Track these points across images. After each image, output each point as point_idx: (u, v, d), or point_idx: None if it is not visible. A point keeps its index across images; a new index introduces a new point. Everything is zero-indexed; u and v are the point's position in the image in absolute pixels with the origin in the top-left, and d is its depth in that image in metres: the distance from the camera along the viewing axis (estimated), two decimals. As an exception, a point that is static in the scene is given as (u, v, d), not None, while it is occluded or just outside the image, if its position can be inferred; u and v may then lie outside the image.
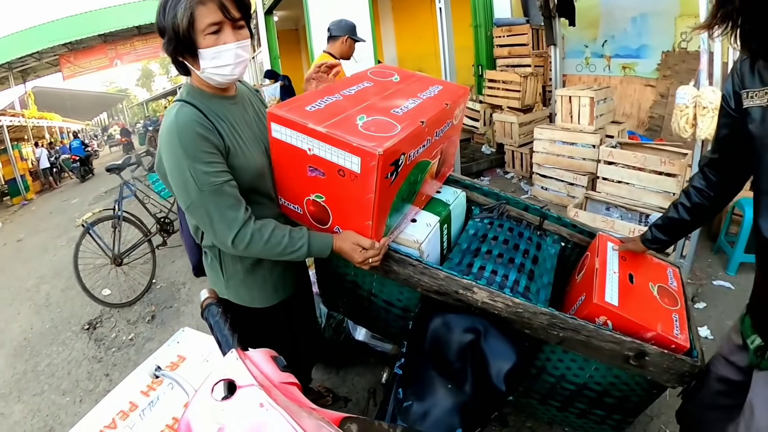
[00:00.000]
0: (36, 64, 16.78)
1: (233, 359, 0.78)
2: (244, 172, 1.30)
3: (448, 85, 1.53)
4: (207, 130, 1.22)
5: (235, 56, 1.24)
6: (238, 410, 0.70)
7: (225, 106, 1.34)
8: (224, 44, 1.22)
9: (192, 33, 1.19)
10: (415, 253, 1.37)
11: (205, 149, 1.20)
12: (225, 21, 1.20)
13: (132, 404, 1.18)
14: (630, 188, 3.77)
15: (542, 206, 1.75)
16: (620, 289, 1.34)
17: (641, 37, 5.89)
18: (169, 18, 1.18)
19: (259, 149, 1.36)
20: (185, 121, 1.21)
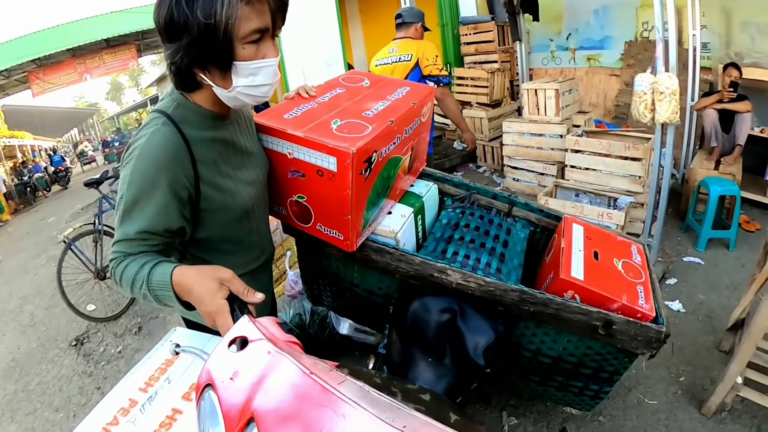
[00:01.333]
0: (4, 82, 16.41)
1: (245, 322, 0.88)
2: (224, 211, 1.17)
3: (414, 86, 1.63)
4: (178, 174, 1.03)
5: (274, 74, 1.06)
6: (249, 358, 0.80)
7: (217, 128, 1.15)
8: (264, 58, 1.02)
9: (228, 42, 0.96)
10: (391, 242, 1.47)
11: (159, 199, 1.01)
12: (269, 29, 1.01)
13: (131, 401, 1.23)
14: (597, 174, 3.92)
15: (510, 194, 1.86)
16: (585, 265, 1.43)
17: (604, 28, 6.08)
18: (201, 12, 0.91)
19: (249, 178, 1.22)
20: (159, 148, 1.03)
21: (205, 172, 1.10)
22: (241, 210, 1.20)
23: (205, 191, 1.10)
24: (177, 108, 1.09)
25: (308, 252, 1.68)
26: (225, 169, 1.16)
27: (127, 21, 15.28)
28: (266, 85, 1.05)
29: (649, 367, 2.41)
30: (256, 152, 1.28)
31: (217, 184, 1.13)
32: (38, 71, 16.31)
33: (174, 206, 1.03)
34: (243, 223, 1.24)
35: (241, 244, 1.29)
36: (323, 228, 1.33)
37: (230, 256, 1.25)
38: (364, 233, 1.40)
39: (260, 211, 1.33)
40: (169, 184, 1.01)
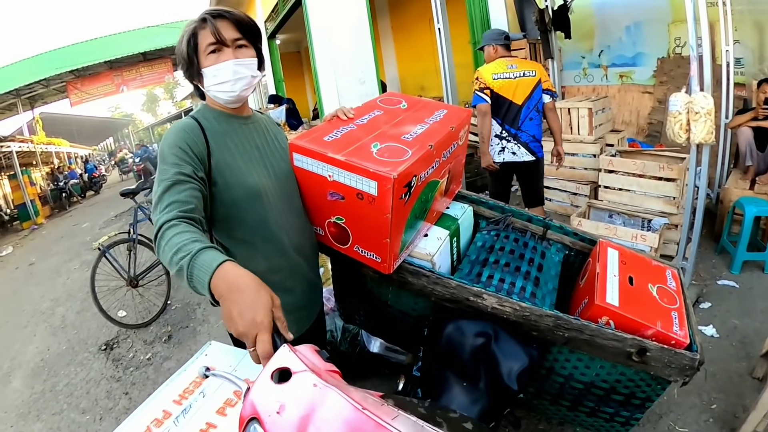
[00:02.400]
0: (43, 90, 17.02)
1: (286, 352, 0.87)
2: (234, 188, 1.30)
3: (452, 108, 1.64)
4: (192, 140, 1.26)
5: (233, 72, 1.29)
6: (295, 390, 0.80)
7: (232, 124, 1.39)
8: (221, 62, 1.29)
9: (196, 54, 1.30)
10: (427, 265, 1.47)
11: (181, 154, 1.22)
12: (224, 42, 1.28)
13: (165, 412, 1.21)
14: (631, 195, 3.86)
15: (545, 217, 1.85)
16: (620, 291, 1.41)
17: (636, 45, 5.97)
18: (181, 46, 1.31)
19: (262, 171, 1.37)
20: (175, 129, 1.31)
21: (215, 148, 1.30)
22: (247, 190, 1.32)
23: (214, 165, 1.29)
24: (199, 110, 1.40)
25: (343, 271, 1.69)
26: (235, 152, 1.34)
27: (164, 36, 15.73)
28: (227, 81, 1.30)
29: (680, 393, 2.34)
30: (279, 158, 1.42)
31: (227, 161, 1.31)
32: (76, 82, 16.87)
33: (193, 160, 1.23)
34: (255, 207, 1.33)
35: (258, 233, 1.36)
36: (361, 250, 1.34)
37: (251, 248, 1.36)
38: (402, 256, 1.41)
39: (277, 205, 1.37)
40: (188, 145, 1.24)
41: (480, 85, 3.45)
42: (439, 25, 4.71)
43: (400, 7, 10.42)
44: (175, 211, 1.09)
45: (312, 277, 1.57)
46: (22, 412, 3.49)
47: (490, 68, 3.47)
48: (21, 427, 3.31)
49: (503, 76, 3.44)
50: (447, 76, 4.91)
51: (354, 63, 6.48)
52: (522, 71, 3.48)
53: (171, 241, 1.02)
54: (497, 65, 3.48)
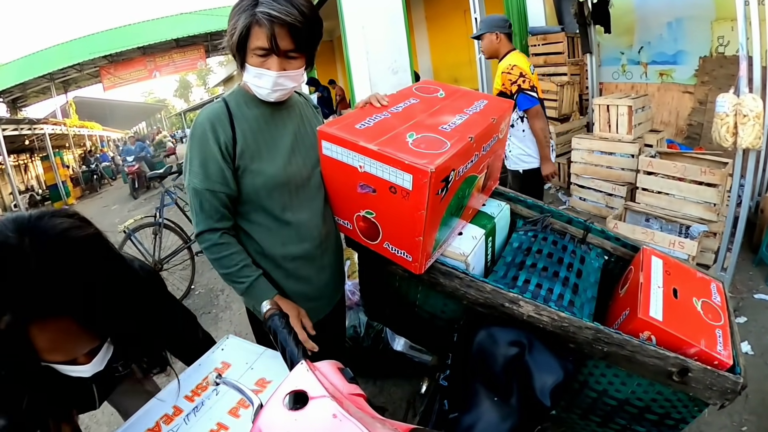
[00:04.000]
0: (77, 75, 17.42)
1: (303, 371, 0.79)
2: (257, 175, 1.32)
3: (493, 99, 1.54)
4: (219, 127, 1.29)
5: (274, 84, 1.27)
6: (311, 421, 0.71)
7: (264, 110, 1.37)
8: (267, 69, 1.25)
9: (244, 47, 1.24)
10: (461, 266, 1.38)
11: (206, 146, 1.28)
12: (273, 50, 1.22)
13: (176, 409, 1.21)
14: (670, 199, 3.69)
15: (586, 219, 1.74)
16: (664, 304, 1.32)
17: (677, 42, 5.75)
18: (232, 21, 1.24)
19: (291, 159, 1.37)
20: (204, 114, 1.32)
21: (241, 136, 1.31)
22: (271, 177, 1.33)
23: (239, 152, 1.31)
24: (232, 93, 1.41)
25: (369, 267, 1.60)
26: (261, 141, 1.34)
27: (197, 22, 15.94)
28: (265, 88, 1.28)
29: (710, 413, 2.21)
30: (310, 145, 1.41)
31: (251, 149, 1.32)
32: (110, 67, 17.22)
33: (220, 157, 1.28)
34: (276, 195, 1.36)
35: (276, 220, 1.38)
36: (391, 247, 1.26)
37: (268, 232, 1.39)
38: (434, 255, 1.32)
39: (300, 194, 1.40)
40: (215, 138, 1.28)
41: (527, 82, 2.96)
42: (476, 15, 4.59)
43: (435, -3, 10.30)
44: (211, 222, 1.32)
45: (331, 267, 1.55)
46: None
47: (524, 61, 3.06)
48: None
49: (532, 70, 3.08)
50: (483, 68, 4.79)
51: (387, 52, 6.38)
52: (533, 65, 3.15)
53: (226, 258, 1.34)
54: (524, 58, 3.12)
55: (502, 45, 3.14)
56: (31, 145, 15.33)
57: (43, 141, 14.32)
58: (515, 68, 2.96)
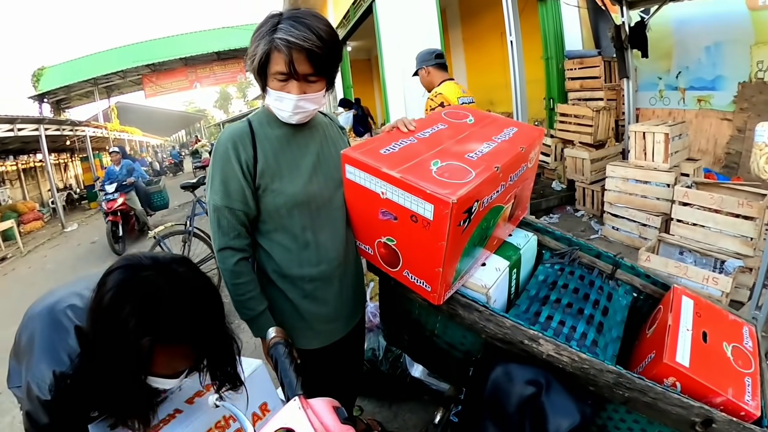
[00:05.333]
0: (120, 81, 18.09)
1: (295, 408, 0.79)
2: (278, 194, 1.34)
3: (523, 126, 1.51)
4: (241, 146, 1.32)
5: (294, 107, 1.29)
6: None
7: (287, 130, 1.39)
8: (287, 93, 1.27)
9: (265, 71, 1.27)
10: (482, 299, 1.34)
11: (228, 165, 1.30)
12: (292, 75, 1.24)
13: None
14: (705, 231, 3.55)
15: (616, 254, 1.68)
16: (692, 349, 1.25)
17: (716, 67, 5.59)
18: (253, 46, 1.27)
19: (313, 179, 1.38)
20: (226, 133, 1.35)
21: (262, 155, 1.33)
22: (291, 197, 1.35)
23: (260, 171, 1.32)
24: (256, 114, 1.44)
25: (390, 293, 1.58)
26: (282, 161, 1.36)
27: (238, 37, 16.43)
28: (286, 111, 1.31)
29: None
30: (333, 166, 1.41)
31: (272, 168, 1.34)
32: (152, 75, 17.84)
33: (240, 175, 1.31)
34: (296, 215, 1.37)
35: (296, 240, 1.39)
36: (410, 275, 1.23)
37: (287, 252, 1.40)
38: (454, 286, 1.28)
39: (321, 214, 1.40)
40: (236, 157, 1.31)
41: None
42: (511, 38, 4.56)
43: (472, 18, 10.31)
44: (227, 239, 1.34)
45: (349, 290, 1.53)
46: None
47: (453, 90, 3.12)
48: None
49: (466, 100, 3.14)
50: (518, 91, 4.75)
51: (423, 73, 6.41)
52: (471, 98, 3.22)
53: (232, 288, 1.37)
54: (455, 87, 3.17)
55: (433, 77, 3.25)
56: (72, 146, 15.88)
57: (83, 142, 14.82)
58: (439, 96, 3.04)
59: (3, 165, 14.34)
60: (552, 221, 5.47)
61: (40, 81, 16.97)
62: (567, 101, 6.53)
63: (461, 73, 11.26)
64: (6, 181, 14.42)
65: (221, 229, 1.33)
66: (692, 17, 5.68)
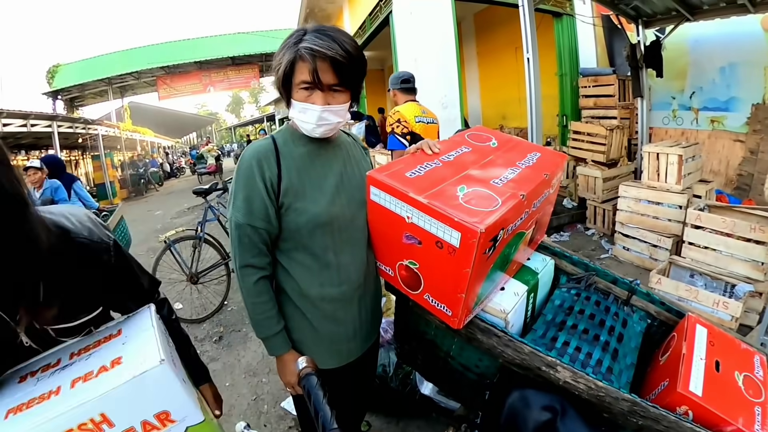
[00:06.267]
0: (134, 82, 18.25)
1: None
2: (301, 213, 1.32)
3: (546, 152, 1.52)
4: (265, 164, 1.30)
5: (318, 119, 1.28)
6: None
7: (311, 147, 1.38)
8: (311, 104, 1.26)
9: (289, 82, 1.28)
10: (500, 323, 1.35)
11: (252, 183, 1.29)
12: (316, 84, 1.24)
13: None
14: (716, 255, 3.55)
15: (631, 280, 1.68)
16: (705, 378, 1.26)
17: (730, 88, 5.61)
18: (278, 58, 1.27)
19: (336, 199, 1.36)
20: (251, 150, 1.34)
21: (286, 173, 1.32)
22: (313, 218, 1.32)
23: (284, 189, 1.31)
24: (280, 131, 1.42)
25: (407, 313, 1.59)
26: (306, 179, 1.34)
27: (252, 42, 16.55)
28: (310, 123, 1.30)
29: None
30: (356, 186, 1.40)
31: (296, 187, 1.32)
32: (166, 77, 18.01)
33: (264, 193, 1.29)
34: (319, 235, 1.34)
35: (317, 260, 1.37)
36: (431, 299, 1.24)
37: (308, 272, 1.38)
38: (474, 310, 1.29)
39: (345, 240, 1.39)
40: (260, 174, 1.29)
41: (402, 128, 3.33)
42: (528, 55, 4.57)
43: (487, 32, 10.36)
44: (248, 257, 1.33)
45: (367, 311, 1.52)
46: None
47: (410, 110, 3.40)
48: None
49: (423, 120, 3.41)
50: (533, 108, 4.75)
51: (438, 86, 6.45)
52: (431, 118, 3.50)
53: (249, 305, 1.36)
54: (414, 108, 3.44)
55: (398, 98, 3.59)
56: (84, 144, 15.99)
57: (95, 141, 14.94)
58: (396, 113, 3.39)
59: (15, 159, 14.45)
60: (562, 239, 5.46)
61: (55, 78, 17.14)
62: (580, 118, 6.54)
63: (474, 88, 11.27)
64: (16, 176, 14.49)
65: (242, 246, 1.32)
66: (707, 37, 5.70)
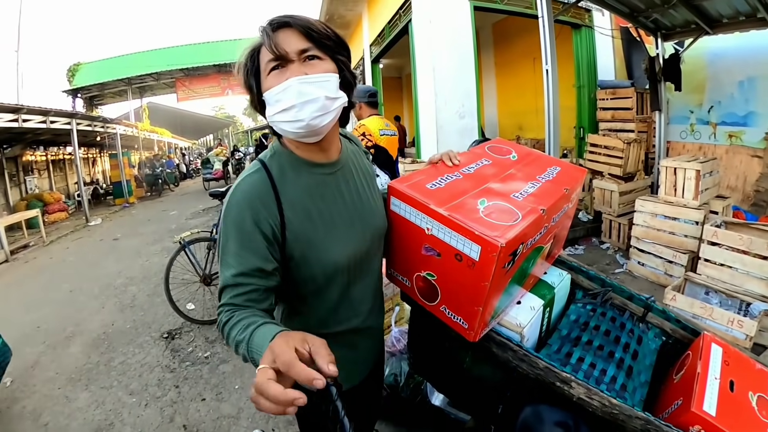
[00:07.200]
0: (153, 83, 18.53)
1: None
2: (314, 264, 1.12)
3: (566, 166, 1.52)
4: (262, 208, 1.05)
5: (298, 93, 1.00)
6: None
7: (316, 176, 1.15)
8: (286, 80, 1.02)
9: (257, 79, 1.08)
10: (516, 338, 1.35)
11: (245, 236, 1.04)
12: (284, 56, 1.02)
13: None
14: (732, 272, 3.51)
15: (648, 297, 1.67)
16: (719, 398, 1.25)
17: (749, 103, 5.57)
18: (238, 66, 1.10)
19: (350, 235, 1.17)
20: (241, 189, 1.08)
21: (292, 218, 1.08)
22: (330, 267, 1.14)
23: (291, 239, 1.08)
24: (273, 156, 1.14)
25: (421, 324, 1.59)
26: (317, 221, 1.12)
27: (272, 47, 16.71)
28: (291, 108, 1.02)
29: None
30: (369, 211, 1.24)
31: (306, 234, 1.10)
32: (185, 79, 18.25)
33: (262, 245, 1.04)
34: (331, 281, 1.17)
35: (329, 303, 1.21)
36: (447, 311, 1.24)
37: (315, 314, 1.21)
38: (491, 324, 1.29)
39: (359, 274, 1.24)
40: (255, 222, 1.04)
41: (367, 141, 3.38)
42: (547, 66, 4.57)
43: (505, 42, 10.38)
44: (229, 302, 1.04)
45: (375, 331, 1.44)
46: (73, 378, 3.65)
47: (375, 123, 3.48)
48: (68, 392, 3.45)
49: (387, 133, 3.50)
50: (551, 119, 4.75)
51: (455, 96, 6.46)
52: (393, 131, 3.61)
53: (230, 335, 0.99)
54: (379, 121, 3.53)
55: (363, 111, 3.68)
56: (102, 142, 16.21)
57: (113, 139, 15.15)
58: (362, 126, 3.46)
59: (33, 155, 14.70)
60: (577, 252, 5.43)
61: (75, 76, 17.45)
62: (597, 131, 6.51)
63: (491, 98, 11.29)
64: (35, 170, 14.77)
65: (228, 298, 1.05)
66: (727, 51, 5.66)
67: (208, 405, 3.14)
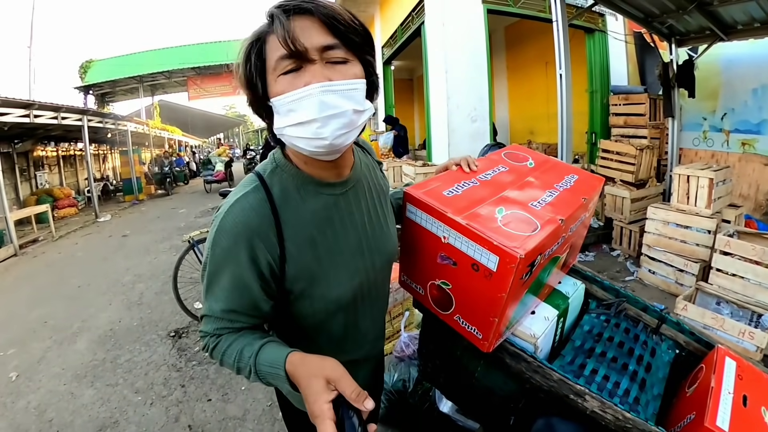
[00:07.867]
0: (165, 81, 18.68)
1: None
2: (316, 300, 0.99)
3: (583, 175, 1.50)
4: (259, 241, 0.90)
5: (320, 106, 0.80)
6: None
7: (324, 198, 0.99)
8: (304, 86, 0.81)
9: (262, 77, 0.87)
10: (530, 348, 1.33)
11: (237, 271, 0.91)
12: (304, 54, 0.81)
13: None
14: (744, 283, 3.47)
15: (662, 309, 1.65)
16: (732, 412, 1.22)
17: (762, 110, 5.52)
18: (237, 61, 0.89)
19: (359, 265, 1.06)
20: (233, 215, 0.90)
21: (293, 251, 0.94)
22: (336, 302, 1.03)
23: (291, 274, 0.95)
24: (274, 171, 0.97)
25: (432, 331, 1.58)
26: (321, 252, 0.98)
27: (284, 46, 16.82)
28: (311, 121, 0.81)
29: None
30: (381, 236, 1.14)
31: (310, 268, 0.96)
32: (196, 78, 18.37)
33: (257, 285, 0.92)
34: (338, 317, 1.07)
35: (333, 336, 1.11)
36: (462, 320, 1.23)
37: (316, 348, 1.02)
38: (505, 334, 1.28)
39: (367, 304, 1.15)
40: (251, 260, 0.89)
41: None
42: (561, 71, 4.54)
43: (518, 46, 10.36)
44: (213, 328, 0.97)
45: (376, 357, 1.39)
46: (79, 374, 3.66)
47: None
48: (74, 388, 3.46)
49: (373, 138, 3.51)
50: (564, 124, 4.72)
51: (468, 99, 6.45)
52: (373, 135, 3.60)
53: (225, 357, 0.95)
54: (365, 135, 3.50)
55: None
56: (113, 138, 16.32)
57: (124, 137, 15.24)
58: None
59: (44, 150, 14.81)
60: (587, 259, 5.40)
61: (87, 73, 17.60)
62: (609, 136, 6.48)
63: (503, 101, 11.26)
64: (45, 165, 14.88)
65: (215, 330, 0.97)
66: (741, 58, 5.62)
67: (213, 405, 3.14)
